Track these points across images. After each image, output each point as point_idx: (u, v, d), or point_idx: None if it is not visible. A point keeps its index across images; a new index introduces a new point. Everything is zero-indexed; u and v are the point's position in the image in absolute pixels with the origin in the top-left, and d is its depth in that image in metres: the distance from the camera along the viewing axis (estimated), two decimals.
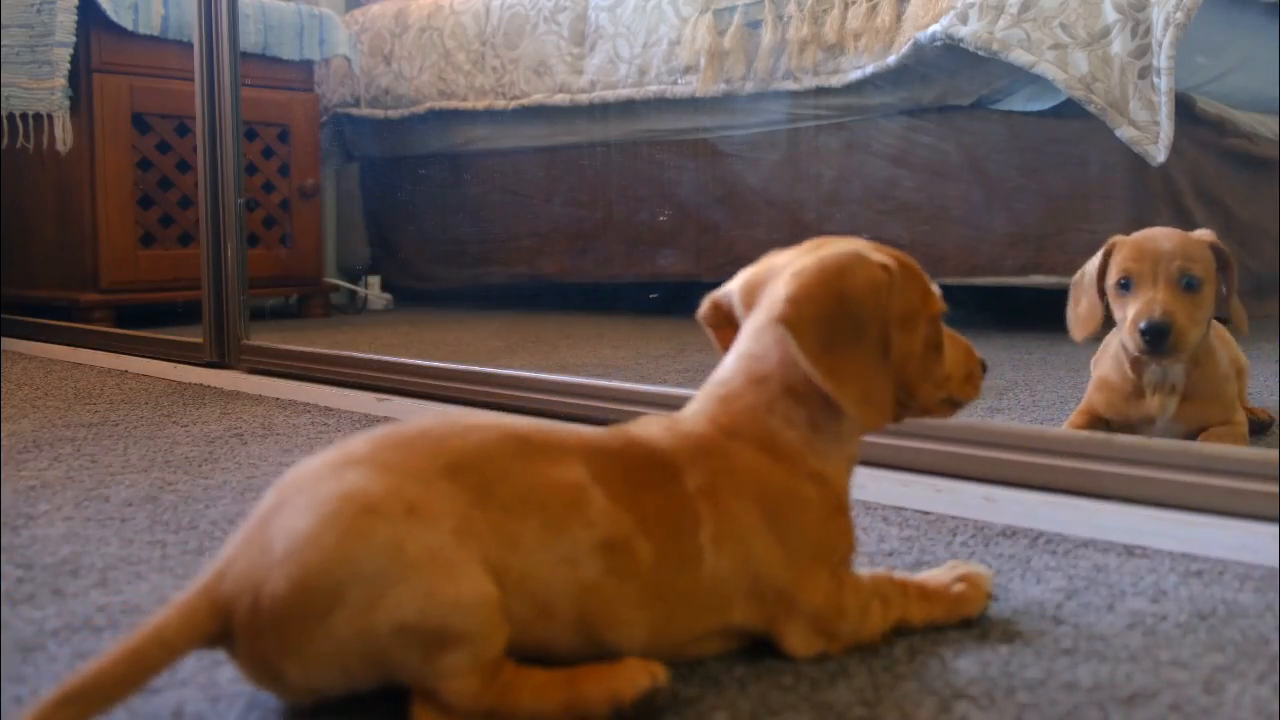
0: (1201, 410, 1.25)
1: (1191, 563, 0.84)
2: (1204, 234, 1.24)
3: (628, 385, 1.37)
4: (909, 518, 0.97)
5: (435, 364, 1.56)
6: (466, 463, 0.59)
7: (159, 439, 1.34)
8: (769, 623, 0.65)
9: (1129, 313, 1.20)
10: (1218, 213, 2.25)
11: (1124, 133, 2.00)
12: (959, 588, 0.72)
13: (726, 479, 0.64)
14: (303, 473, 0.59)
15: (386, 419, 1.48)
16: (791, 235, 2.57)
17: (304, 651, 0.54)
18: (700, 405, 0.69)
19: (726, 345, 0.74)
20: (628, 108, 2.77)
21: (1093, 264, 1.27)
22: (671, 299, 2.98)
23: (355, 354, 1.68)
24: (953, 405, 0.73)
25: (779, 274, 0.69)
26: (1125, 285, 1.22)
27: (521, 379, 1.46)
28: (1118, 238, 1.25)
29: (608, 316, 2.90)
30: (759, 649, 0.66)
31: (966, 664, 0.65)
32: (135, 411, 1.53)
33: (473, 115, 3.08)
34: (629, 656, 0.60)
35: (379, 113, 3.28)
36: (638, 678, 0.58)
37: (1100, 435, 1.05)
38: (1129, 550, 0.87)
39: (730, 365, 0.70)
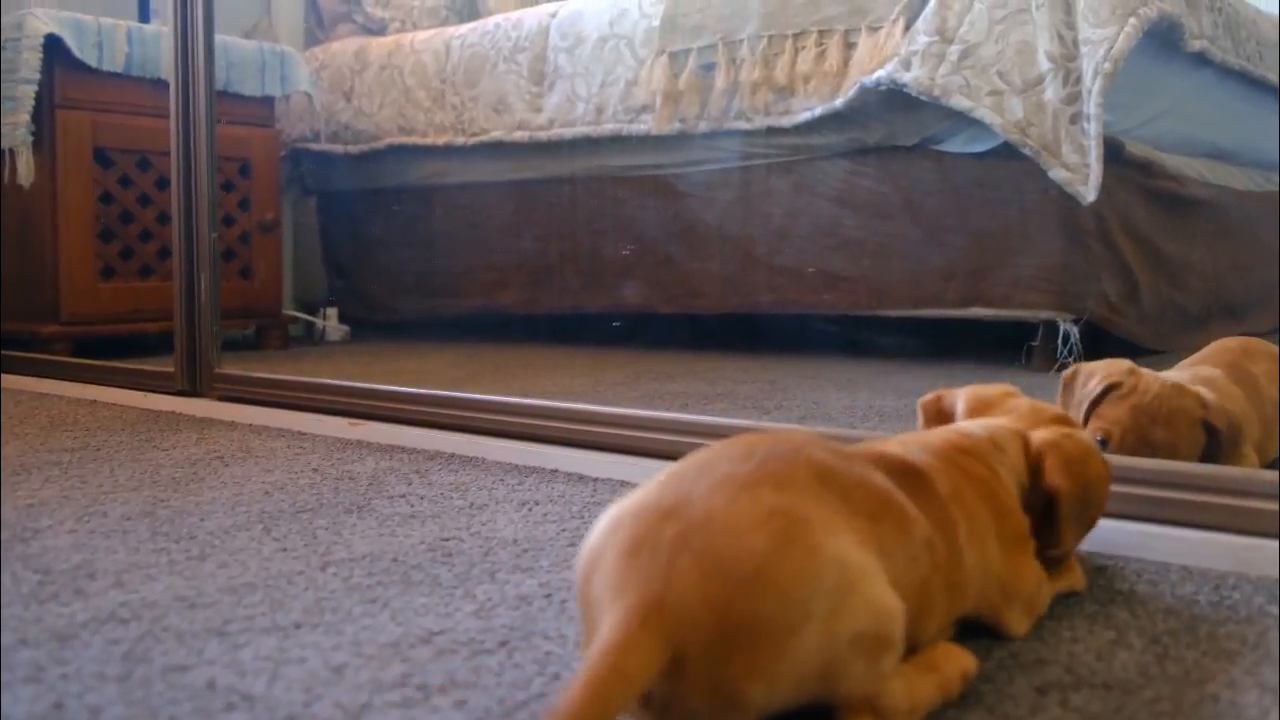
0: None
1: (1096, 559, 0.94)
2: (1204, 407, 1.15)
3: (591, 407, 1.44)
4: None
5: (407, 389, 1.63)
6: (827, 474, 0.61)
7: (142, 461, 1.39)
8: (991, 609, 0.75)
9: None
10: (1146, 250, 2.37)
11: (1057, 174, 2.12)
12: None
13: (966, 486, 0.73)
14: (695, 493, 0.58)
15: (359, 442, 1.55)
16: (744, 269, 2.65)
17: (773, 670, 0.53)
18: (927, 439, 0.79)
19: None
20: (585, 145, 2.86)
21: (1089, 389, 1.21)
22: (629, 330, 3.07)
23: (327, 380, 1.74)
24: None
25: (1013, 413, 0.87)
26: (1103, 444, 1.16)
27: (491, 403, 1.54)
28: (1115, 378, 1.19)
29: (566, 347, 2.98)
30: None
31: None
32: (114, 437, 1.58)
33: (432, 151, 3.15)
34: (939, 643, 0.66)
35: (339, 148, 3.35)
36: (965, 656, 0.66)
37: None
38: None
39: (974, 429, 0.82)
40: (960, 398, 0.90)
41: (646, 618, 0.53)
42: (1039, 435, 0.83)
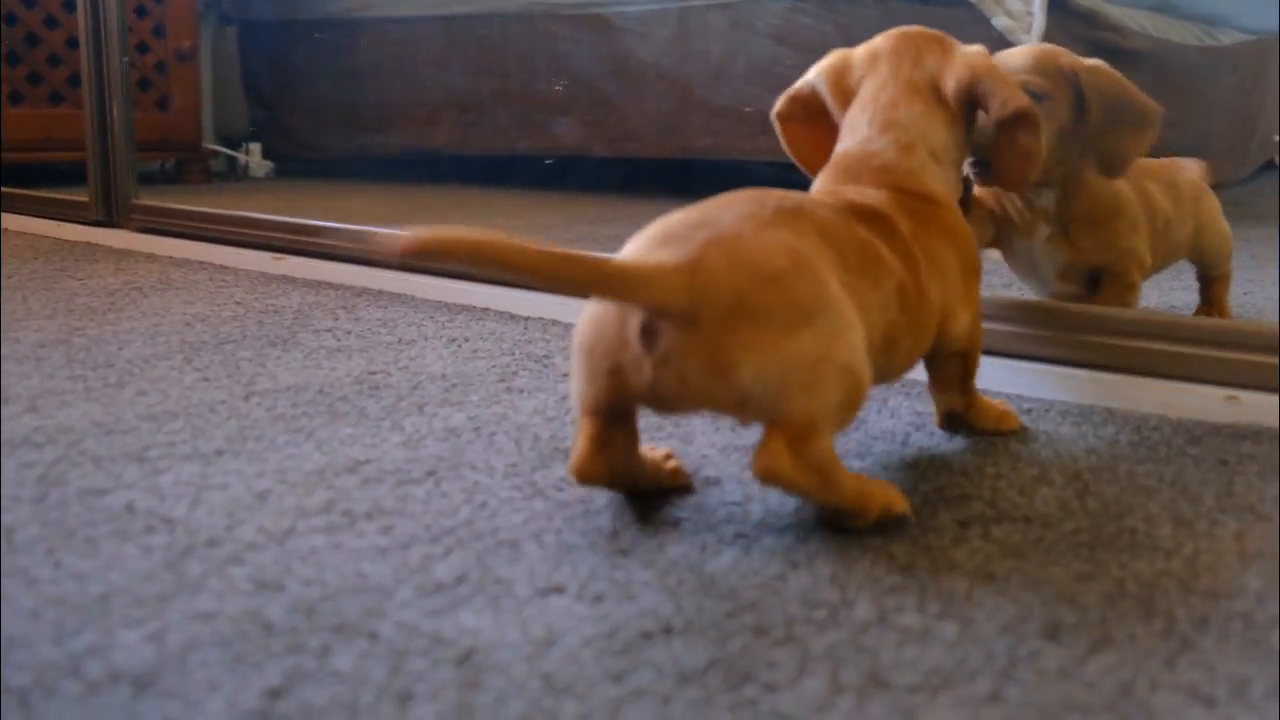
0: (1085, 247, 1.15)
1: (1023, 402, 0.95)
2: (1063, 53, 1.13)
3: None
4: None
5: (333, 225, 1.58)
6: (826, 230, 0.67)
7: (57, 290, 1.35)
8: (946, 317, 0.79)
9: None
10: None
11: (999, 22, 2.09)
12: (1004, 408, 0.88)
13: (922, 225, 0.76)
14: (722, 219, 0.63)
15: (284, 277, 1.51)
16: (680, 109, 2.58)
17: (770, 353, 0.59)
18: (856, 175, 0.79)
19: (794, 140, 0.87)
20: None
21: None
22: (562, 172, 3.01)
23: (250, 214, 1.69)
24: None
25: (881, 59, 0.83)
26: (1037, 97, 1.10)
27: None
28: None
29: (497, 189, 2.92)
30: None
31: None
32: (26, 265, 1.53)
33: None
34: (880, 483, 0.67)
35: None
36: (900, 500, 0.66)
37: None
38: None
39: (874, 138, 0.80)
40: (821, 84, 0.85)
41: (678, 267, 0.59)
42: (969, 65, 0.84)
